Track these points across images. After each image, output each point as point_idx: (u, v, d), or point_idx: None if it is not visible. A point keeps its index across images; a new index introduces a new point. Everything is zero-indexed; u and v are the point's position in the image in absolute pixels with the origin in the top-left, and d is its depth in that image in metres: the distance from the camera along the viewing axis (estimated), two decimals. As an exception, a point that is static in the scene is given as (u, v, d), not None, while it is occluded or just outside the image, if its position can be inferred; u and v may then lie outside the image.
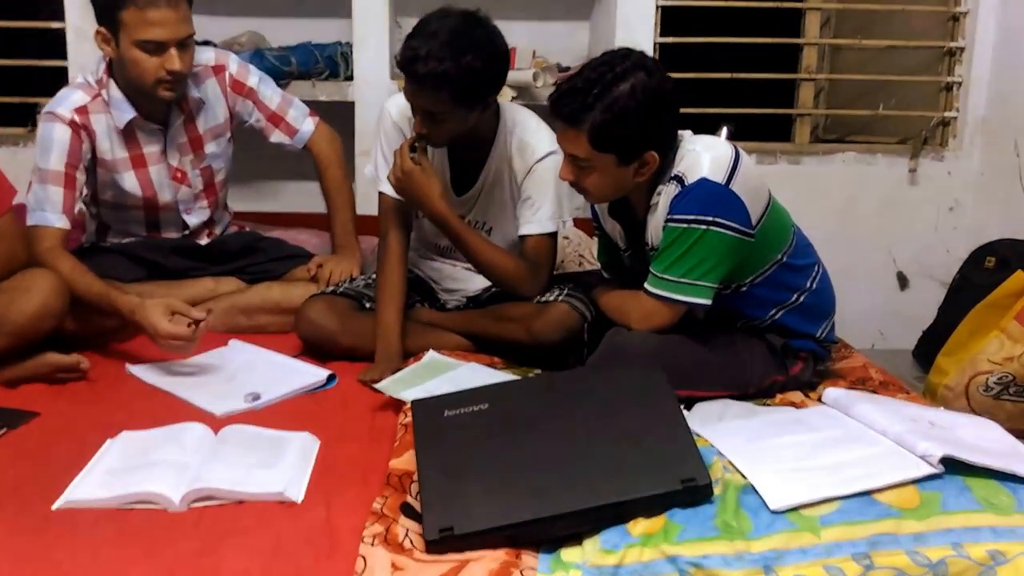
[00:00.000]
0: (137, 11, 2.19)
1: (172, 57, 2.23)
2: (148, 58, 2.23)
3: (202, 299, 2.44)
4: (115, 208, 2.47)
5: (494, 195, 2.30)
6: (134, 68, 2.25)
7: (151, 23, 2.19)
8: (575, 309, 2.20)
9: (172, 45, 2.23)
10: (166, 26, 2.20)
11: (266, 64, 3.10)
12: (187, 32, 2.26)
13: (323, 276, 2.46)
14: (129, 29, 2.21)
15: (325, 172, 2.61)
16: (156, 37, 2.21)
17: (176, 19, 2.22)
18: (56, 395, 2.04)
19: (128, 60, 2.25)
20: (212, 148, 2.50)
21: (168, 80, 2.26)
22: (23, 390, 2.04)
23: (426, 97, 2.07)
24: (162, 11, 2.19)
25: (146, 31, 2.20)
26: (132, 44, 2.22)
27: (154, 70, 2.24)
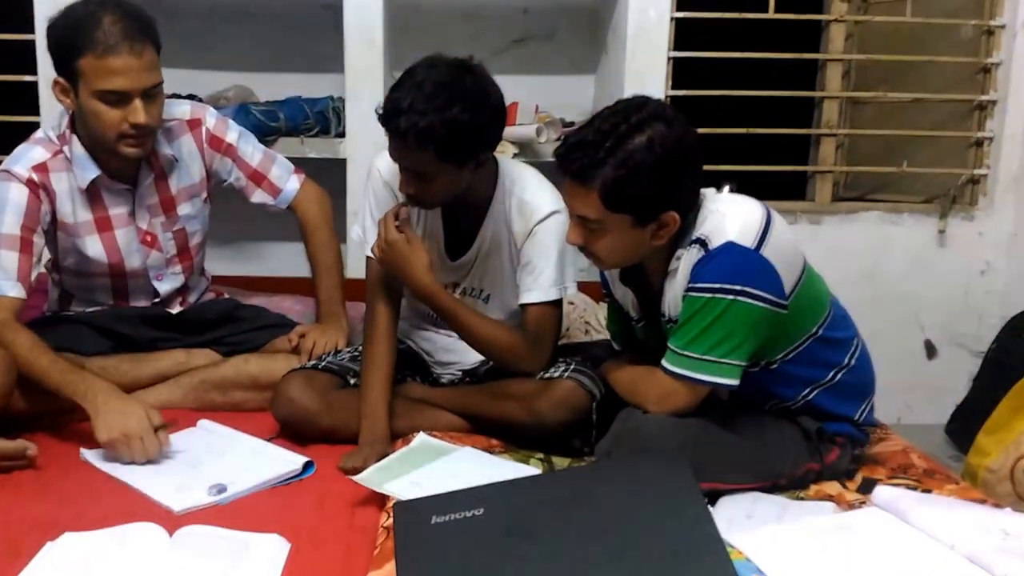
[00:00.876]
0: (96, 59, 1.96)
1: (136, 109, 2.00)
2: (109, 110, 2.00)
3: (172, 373, 2.21)
4: (78, 275, 2.23)
5: (492, 260, 2.07)
6: (94, 121, 2.02)
7: (111, 72, 1.97)
8: (582, 386, 1.95)
9: (136, 96, 2.00)
10: (128, 75, 1.98)
11: (252, 119, 2.91)
12: (152, 81, 2.03)
13: (305, 347, 2.21)
14: (88, 78, 1.98)
15: (311, 235, 2.37)
16: (118, 87, 1.98)
17: (140, 67, 1.99)
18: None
19: (88, 112, 2.02)
20: (186, 209, 2.27)
21: (132, 135, 2.03)
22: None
23: (410, 155, 1.85)
24: (124, 58, 1.97)
25: (106, 80, 1.97)
26: (91, 95, 1.99)
27: (116, 123, 2.01)
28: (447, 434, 2.02)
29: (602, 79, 3.27)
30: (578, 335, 2.50)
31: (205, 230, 2.35)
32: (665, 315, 1.80)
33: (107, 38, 1.95)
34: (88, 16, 1.98)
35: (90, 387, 1.91)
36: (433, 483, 1.70)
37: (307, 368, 2.08)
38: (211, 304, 2.38)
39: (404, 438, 1.99)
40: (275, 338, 2.29)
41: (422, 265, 1.96)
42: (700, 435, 1.73)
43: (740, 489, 1.76)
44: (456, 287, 2.11)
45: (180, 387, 2.19)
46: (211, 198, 2.34)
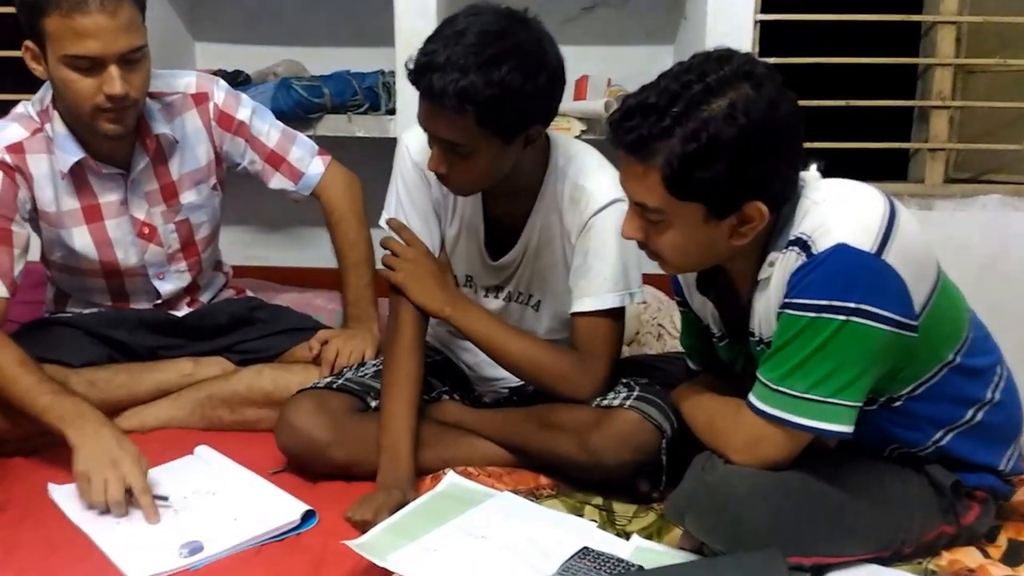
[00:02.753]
0: (62, 18, 1.55)
1: (111, 78, 1.58)
2: (80, 79, 1.59)
3: (176, 386, 1.80)
4: (68, 272, 1.84)
5: (542, 259, 1.60)
6: (65, 92, 1.62)
7: (80, 33, 1.55)
8: (648, 419, 1.48)
9: (111, 61, 1.58)
10: (100, 36, 1.56)
11: (293, 96, 2.49)
12: (130, 44, 1.60)
13: (327, 357, 1.78)
14: (55, 41, 1.57)
15: (337, 225, 1.93)
16: (88, 52, 1.56)
17: (114, 27, 1.57)
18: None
19: (58, 81, 1.62)
20: (191, 197, 1.85)
21: (109, 108, 1.62)
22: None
23: (444, 122, 1.40)
24: (93, 17, 1.55)
25: (74, 43, 1.56)
26: (59, 61, 1.58)
27: (89, 94, 1.60)
28: (484, 470, 1.57)
29: (681, 48, 2.75)
30: (650, 342, 2.03)
31: (215, 221, 1.93)
32: (755, 334, 1.32)
33: None
34: None
35: (81, 414, 1.52)
36: (454, 549, 1.26)
37: (319, 387, 1.65)
38: (224, 305, 1.96)
39: (434, 475, 1.56)
40: (295, 344, 1.87)
41: (433, 282, 1.57)
42: (801, 495, 1.24)
43: (853, 561, 1.28)
44: (498, 291, 1.66)
45: (185, 403, 1.79)
46: (223, 184, 1.92)
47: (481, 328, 1.58)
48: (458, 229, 1.65)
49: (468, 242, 1.64)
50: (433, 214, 1.65)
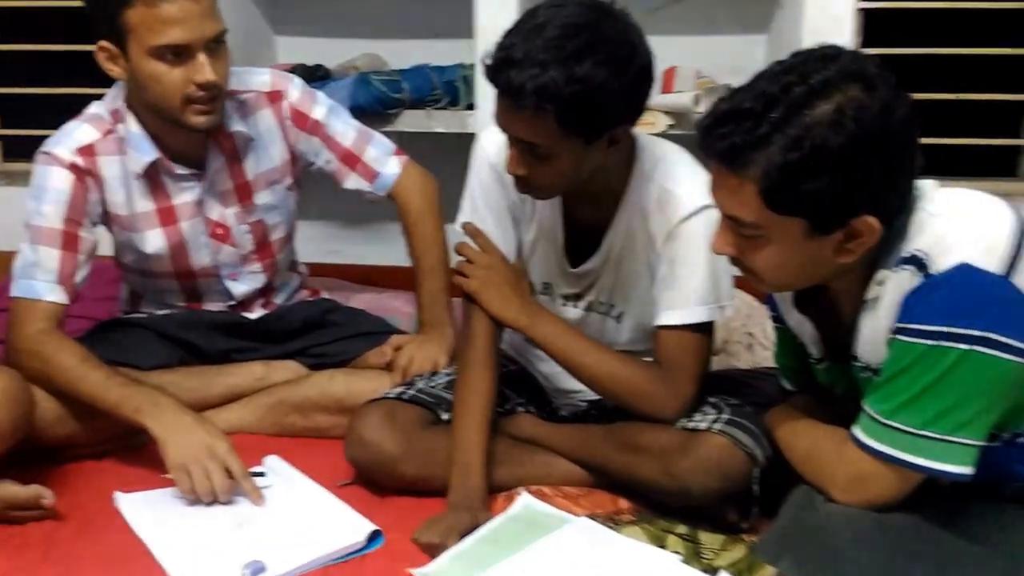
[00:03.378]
0: (147, 7, 1.49)
1: (201, 65, 1.53)
2: (169, 70, 1.53)
3: (247, 390, 1.75)
4: (141, 274, 1.80)
5: (625, 267, 1.49)
6: (153, 87, 1.56)
7: (167, 21, 1.49)
8: (738, 445, 1.35)
9: (199, 48, 1.52)
10: (187, 23, 1.50)
11: (372, 91, 2.42)
12: (215, 29, 1.54)
13: (399, 364, 1.70)
14: (139, 34, 1.51)
15: (413, 227, 1.84)
16: (176, 40, 1.51)
17: (199, 12, 1.51)
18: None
19: (143, 77, 1.55)
20: (265, 198, 1.78)
21: (200, 98, 1.56)
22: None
23: (522, 121, 1.29)
24: (179, 3, 1.49)
25: (161, 33, 1.50)
26: (145, 54, 1.52)
27: (179, 85, 1.54)
28: (560, 490, 1.47)
29: (775, 39, 2.58)
30: (739, 352, 1.89)
31: (291, 222, 1.86)
32: (860, 359, 1.18)
33: None
34: None
35: (157, 403, 1.48)
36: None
37: (390, 398, 1.57)
38: (297, 308, 1.89)
39: (507, 494, 1.46)
40: (369, 350, 1.79)
41: (507, 293, 1.47)
42: (911, 542, 1.10)
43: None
44: (578, 300, 1.55)
45: (256, 407, 1.73)
46: (299, 184, 1.85)
47: (558, 340, 1.47)
48: (536, 234, 1.54)
49: (546, 248, 1.54)
50: (510, 218, 1.55)
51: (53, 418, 1.54)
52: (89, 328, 1.82)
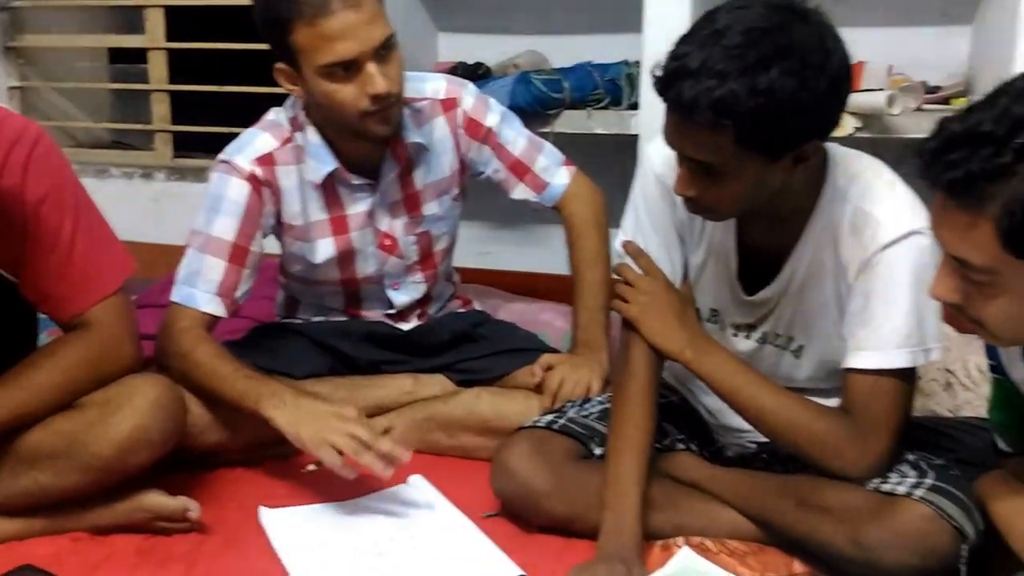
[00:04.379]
0: (308, 26, 1.41)
1: (371, 77, 1.44)
2: (341, 88, 1.45)
3: (395, 403, 1.66)
4: (304, 283, 1.74)
5: (808, 296, 1.29)
6: (329, 104, 1.48)
7: (330, 37, 1.41)
8: (944, 516, 1.13)
9: (367, 59, 1.43)
10: (351, 36, 1.41)
11: (532, 90, 2.29)
12: (382, 35, 1.45)
13: (550, 387, 1.57)
14: (307, 54, 1.44)
15: (577, 240, 1.71)
16: (342, 55, 1.42)
17: (362, 21, 1.42)
18: (142, 557, 1.31)
19: (319, 96, 1.48)
20: (433, 209, 1.69)
21: (376, 110, 1.47)
22: (106, 543, 1.34)
23: (696, 138, 1.12)
24: (339, 16, 1.40)
25: (327, 51, 1.42)
26: (316, 73, 1.45)
27: (354, 101, 1.46)
28: (725, 545, 1.30)
29: (982, 31, 2.27)
30: (935, 392, 1.64)
31: (454, 233, 1.78)
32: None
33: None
34: None
35: (276, 393, 1.41)
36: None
37: (539, 427, 1.43)
38: (447, 321, 1.79)
39: (664, 543, 1.30)
40: (518, 368, 1.67)
41: (671, 320, 1.30)
42: None
43: None
44: (751, 330, 1.36)
45: (403, 422, 1.63)
46: (464, 194, 1.75)
47: (728, 377, 1.29)
48: (705, 256, 1.36)
49: (716, 272, 1.36)
50: (676, 238, 1.38)
51: (203, 425, 1.50)
52: (246, 331, 1.79)
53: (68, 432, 1.28)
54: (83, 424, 1.29)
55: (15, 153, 1.26)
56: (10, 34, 2.94)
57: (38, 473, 1.28)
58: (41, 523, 1.33)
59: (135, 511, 1.35)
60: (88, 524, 1.35)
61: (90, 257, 1.33)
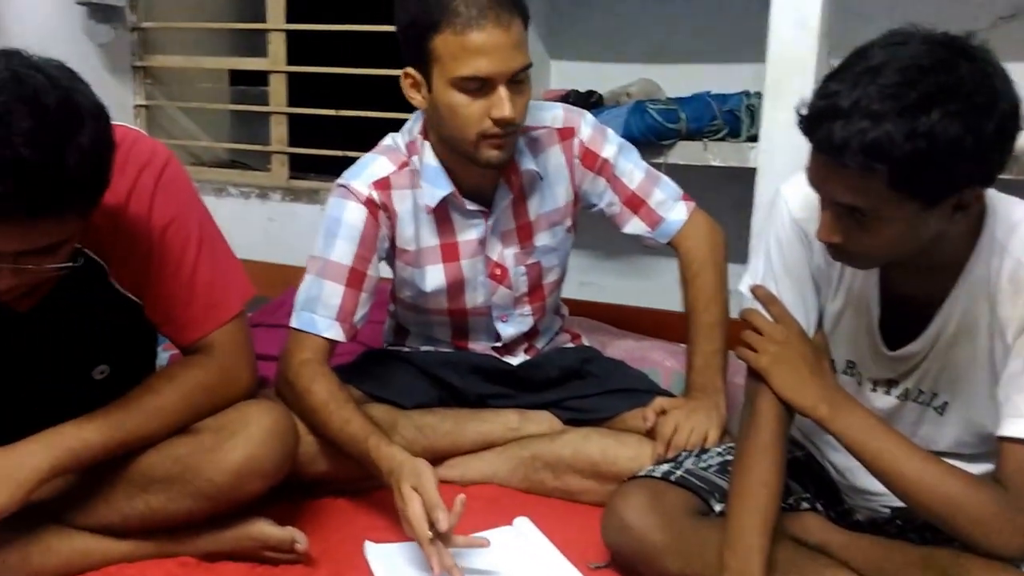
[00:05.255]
0: (454, 35, 1.38)
1: (501, 100, 1.40)
2: (469, 103, 1.41)
3: (500, 439, 1.61)
4: (413, 310, 1.70)
5: (958, 352, 1.17)
6: (450, 117, 1.44)
7: (473, 51, 1.37)
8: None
9: (501, 82, 1.39)
10: (494, 55, 1.38)
11: (647, 120, 2.23)
12: (521, 63, 1.41)
13: (663, 433, 1.48)
14: (444, 63, 1.40)
15: (694, 279, 1.62)
16: (480, 71, 1.38)
17: (508, 44, 1.38)
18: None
19: (443, 107, 1.44)
20: (545, 240, 1.64)
21: (495, 134, 1.43)
22: (213, 570, 1.31)
23: (845, 182, 1.03)
24: (488, 32, 1.37)
25: (466, 63, 1.38)
26: (448, 84, 1.41)
27: (477, 119, 1.42)
28: (855, 619, 1.19)
29: None
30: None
31: (564, 265, 1.71)
32: None
33: (469, 8, 1.37)
34: None
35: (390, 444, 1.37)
36: None
37: (655, 477, 1.35)
38: (556, 356, 1.72)
39: (787, 614, 1.20)
40: (628, 409, 1.59)
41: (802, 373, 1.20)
42: None
43: None
44: (891, 386, 1.25)
45: (508, 459, 1.59)
46: (576, 226, 1.69)
47: (866, 437, 1.18)
48: (842, 304, 1.26)
49: (855, 322, 1.26)
50: (811, 284, 1.28)
51: (312, 454, 1.47)
52: (356, 355, 1.76)
53: (182, 457, 1.26)
54: (197, 450, 1.27)
55: (144, 177, 1.26)
56: (139, 54, 3.04)
57: (151, 496, 1.27)
58: (150, 546, 1.32)
59: (243, 539, 1.32)
60: (197, 550, 1.33)
61: (212, 282, 1.32)
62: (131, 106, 3.05)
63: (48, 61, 1.05)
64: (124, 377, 1.33)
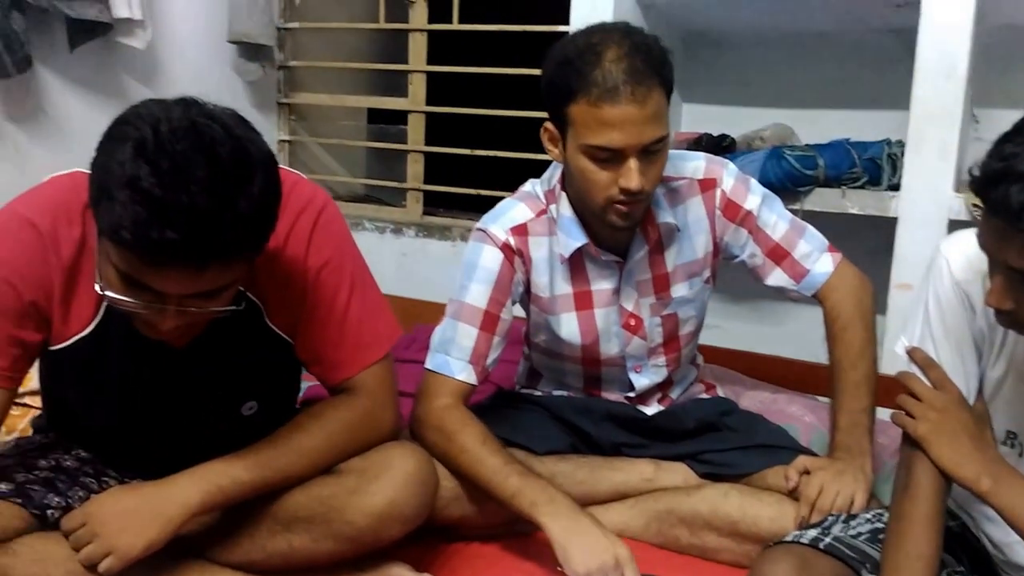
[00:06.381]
0: (589, 105, 1.36)
1: (629, 171, 1.37)
2: (597, 170, 1.40)
3: (634, 490, 1.56)
4: (547, 355, 1.69)
5: None
6: (579, 180, 1.44)
7: (604, 123, 1.35)
8: None
9: (632, 154, 1.37)
10: (625, 129, 1.35)
11: (784, 166, 2.18)
12: (654, 136, 1.37)
13: (807, 495, 1.41)
14: (576, 129, 1.39)
15: (841, 333, 1.54)
16: (609, 143, 1.36)
17: (641, 118, 1.35)
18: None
19: (573, 169, 1.44)
20: (682, 291, 1.60)
21: (621, 202, 1.42)
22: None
23: (1020, 247, 0.97)
24: (622, 107, 1.34)
25: (596, 133, 1.36)
26: (578, 149, 1.40)
27: (604, 186, 1.40)
28: None
29: None
30: None
31: (701, 316, 1.66)
32: None
33: (605, 80, 1.34)
34: (587, 50, 1.37)
35: (552, 500, 1.35)
36: None
37: (802, 543, 1.28)
38: (692, 406, 1.67)
39: None
40: (769, 467, 1.52)
41: (965, 442, 1.11)
42: None
43: None
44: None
45: (642, 512, 1.54)
46: (715, 277, 1.64)
47: None
48: (1004, 371, 1.18)
49: (1017, 390, 1.17)
50: (972, 349, 1.20)
51: (449, 498, 1.46)
52: (487, 396, 1.76)
53: (326, 498, 1.27)
54: (341, 491, 1.27)
55: (302, 221, 1.29)
56: (284, 91, 3.16)
57: (294, 536, 1.27)
58: (290, 586, 1.33)
59: (379, 582, 1.32)
60: (336, 590, 1.33)
61: (363, 323, 1.34)
62: (275, 141, 3.16)
63: (223, 110, 1.08)
64: (270, 413, 1.35)
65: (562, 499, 1.36)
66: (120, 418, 1.29)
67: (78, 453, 1.34)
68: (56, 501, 1.24)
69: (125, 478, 1.35)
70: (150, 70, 2.70)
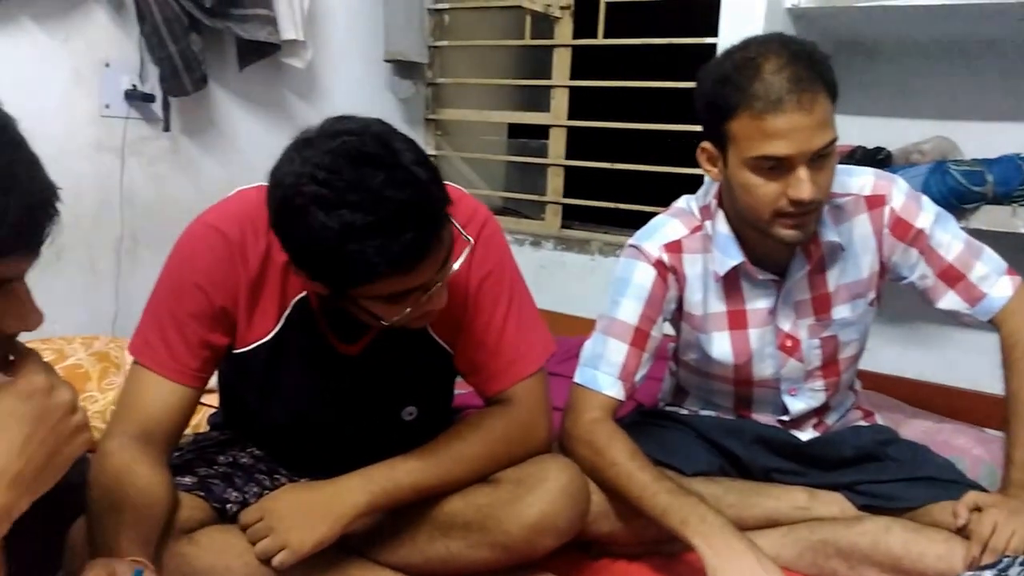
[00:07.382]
0: (752, 119, 1.30)
1: (799, 181, 1.30)
2: (764, 183, 1.34)
3: (787, 519, 1.49)
4: (696, 373, 1.64)
5: None
6: (744, 195, 1.38)
7: (771, 134, 1.29)
8: None
9: (801, 163, 1.31)
10: (793, 137, 1.29)
11: (948, 181, 2.05)
12: (823, 141, 1.30)
13: (980, 533, 1.30)
14: (739, 144, 1.34)
15: (1019, 361, 1.42)
16: (778, 152, 1.30)
17: (809, 125, 1.28)
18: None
19: (736, 185, 1.38)
20: (843, 312, 1.51)
21: (792, 213, 1.35)
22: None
23: None
24: (788, 116, 1.28)
25: (762, 145, 1.30)
26: (742, 163, 1.35)
27: (772, 199, 1.34)
28: None
29: None
30: None
31: (863, 340, 1.57)
32: None
33: (768, 92, 1.29)
34: (745, 64, 1.32)
35: (704, 519, 1.30)
36: None
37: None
38: (849, 434, 1.58)
39: None
40: (935, 501, 1.42)
41: None
42: None
43: None
44: None
45: (795, 541, 1.46)
46: (880, 299, 1.55)
47: None
48: None
49: None
50: None
51: (597, 513, 1.43)
52: (629, 413, 1.72)
53: (483, 507, 1.28)
54: (498, 501, 1.28)
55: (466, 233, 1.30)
56: (431, 107, 3.22)
57: (451, 542, 1.29)
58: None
59: (530, 592, 1.31)
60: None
61: (520, 336, 1.34)
62: (422, 156, 3.23)
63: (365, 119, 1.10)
64: (427, 419, 1.38)
65: (715, 518, 1.30)
66: (293, 419, 1.34)
67: (252, 451, 1.40)
68: (234, 496, 1.29)
69: (294, 477, 1.39)
70: (309, 88, 2.81)
